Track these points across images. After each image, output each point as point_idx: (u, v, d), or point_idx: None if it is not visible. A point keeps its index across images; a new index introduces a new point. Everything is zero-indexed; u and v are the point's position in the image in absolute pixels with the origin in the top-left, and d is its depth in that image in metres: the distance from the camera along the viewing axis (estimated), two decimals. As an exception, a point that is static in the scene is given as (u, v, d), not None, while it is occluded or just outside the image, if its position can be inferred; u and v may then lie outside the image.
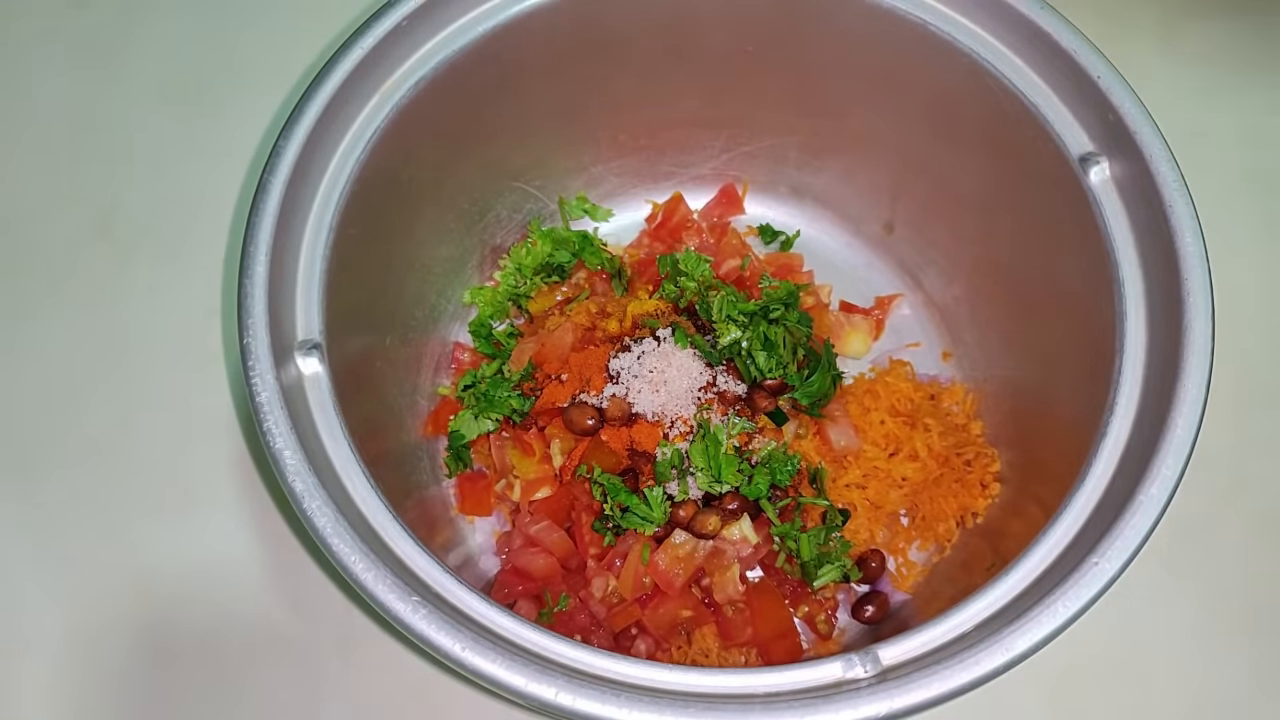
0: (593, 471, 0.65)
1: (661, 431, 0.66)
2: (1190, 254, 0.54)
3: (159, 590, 0.68)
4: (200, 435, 0.72)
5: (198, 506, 0.70)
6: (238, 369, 0.60)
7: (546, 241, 0.75)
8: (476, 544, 0.70)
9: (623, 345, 0.68)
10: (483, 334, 0.74)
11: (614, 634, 0.64)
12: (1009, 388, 0.70)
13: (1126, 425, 0.54)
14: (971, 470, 0.69)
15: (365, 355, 0.63)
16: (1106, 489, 0.53)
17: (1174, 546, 0.68)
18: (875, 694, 0.46)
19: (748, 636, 0.64)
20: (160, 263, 0.77)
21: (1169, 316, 0.54)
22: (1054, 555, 0.51)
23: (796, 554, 0.65)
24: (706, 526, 0.63)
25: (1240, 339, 0.73)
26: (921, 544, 0.70)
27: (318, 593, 0.68)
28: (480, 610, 0.49)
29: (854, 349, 0.75)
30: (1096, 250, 0.57)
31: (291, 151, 0.56)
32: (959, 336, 0.75)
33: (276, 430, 0.51)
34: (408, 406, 0.70)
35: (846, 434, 0.69)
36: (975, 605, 0.50)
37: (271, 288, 0.54)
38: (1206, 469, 0.62)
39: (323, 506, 0.49)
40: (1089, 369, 0.57)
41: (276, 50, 0.83)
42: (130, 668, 0.66)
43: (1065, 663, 0.66)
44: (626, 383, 0.67)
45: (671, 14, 0.64)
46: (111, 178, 0.80)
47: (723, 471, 0.64)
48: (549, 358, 0.68)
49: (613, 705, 0.45)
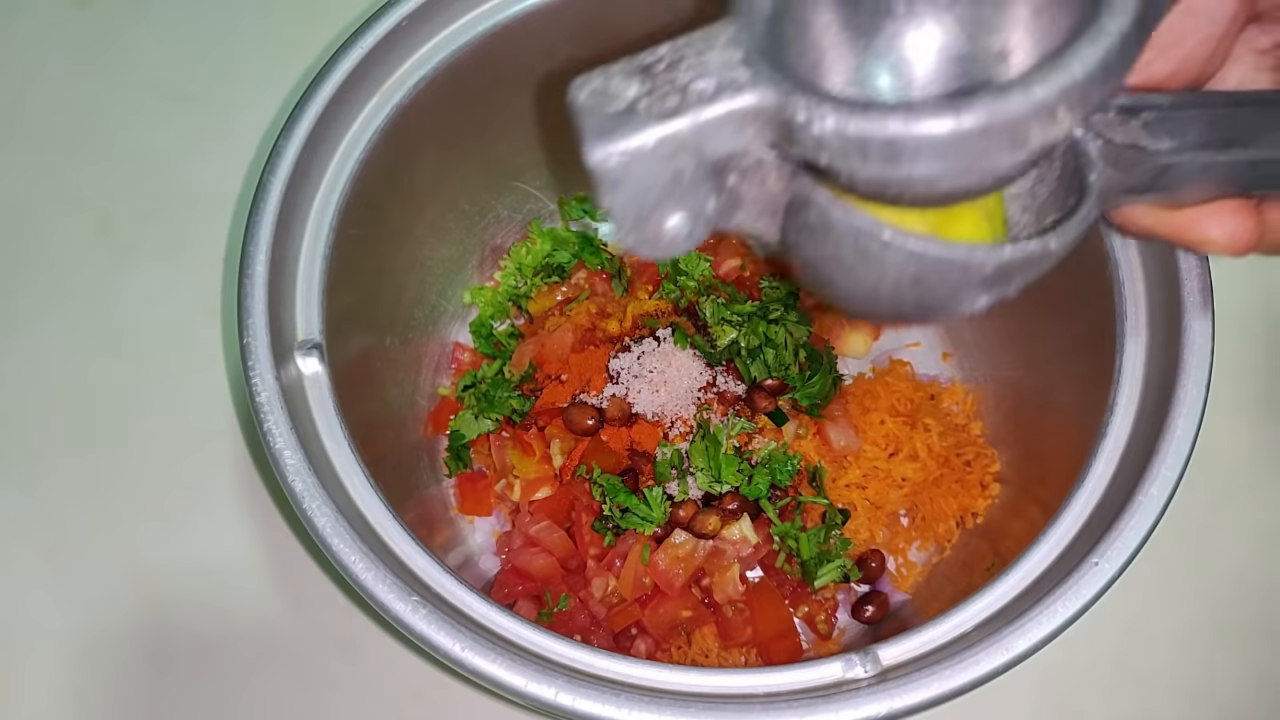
0: (592, 471, 0.65)
1: (661, 431, 0.66)
2: (1190, 254, 0.54)
3: (158, 590, 0.68)
4: (200, 435, 0.72)
5: (197, 506, 0.70)
6: (238, 369, 0.60)
7: (546, 241, 0.75)
8: (476, 544, 0.70)
9: (623, 345, 0.68)
10: (483, 334, 0.74)
11: (614, 634, 0.64)
12: (1009, 388, 0.70)
13: (1126, 425, 0.54)
14: (971, 470, 0.69)
15: (365, 355, 0.63)
16: (1106, 489, 0.53)
17: (1174, 547, 0.68)
18: (875, 694, 0.46)
19: (748, 636, 0.64)
20: (160, 263, 0.77)
21: (1169, 316, 0.54)
22: (1054, 555, 0.51)
23: (797, 553, 0.65)
24: (706, 526, 0.63)
25: (1240, 339, 0.73)
26: (921, 544, 0.70)
27: (318, 593, 0.68)
28: (480, 610, 0.49)
29: (854, 349, 0.75)
30: (1096, 250, 0.57)
31: (291, 151, 0.56)
32: (959, 336, 0.75)
33: (276, 430, 0.51)
34: (408, 406, 0.70)
35: (846, 434, 0.69)
36: (975, 605, 0.50)
37: (271, 288, 0.54)
38: (1206, 469, 0.62)
39: (323, 506, 0.49)
40: (1089, 369, 0.57)
41: (276, 50, 0.83)
42: (130, 667, 0.66)
43: (1065, 663, 0.66)
44: (626, 383, 0.67)
45: (673, 14, 0.64)
46: (111, 177, 0.80)
47: (723, 471, 0.64)
48: (549, 358, 0.68)
49: (613, 705, 0.45)
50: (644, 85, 0.31)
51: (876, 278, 0.33)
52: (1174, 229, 0.38)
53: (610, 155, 0.31)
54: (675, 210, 0.33)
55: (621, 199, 0.32)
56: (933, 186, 0.30)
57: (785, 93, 0.30)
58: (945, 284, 0.33)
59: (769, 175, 0.33)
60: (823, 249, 0.33)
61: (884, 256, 0.32)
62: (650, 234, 0.33)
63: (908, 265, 0.32)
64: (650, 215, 0.33)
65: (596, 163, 0.31)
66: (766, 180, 0.33)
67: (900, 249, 0.31)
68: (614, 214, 0.33)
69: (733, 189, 0.34)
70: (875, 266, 0.32)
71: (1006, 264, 0.32)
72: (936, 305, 0.34)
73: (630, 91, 0.32)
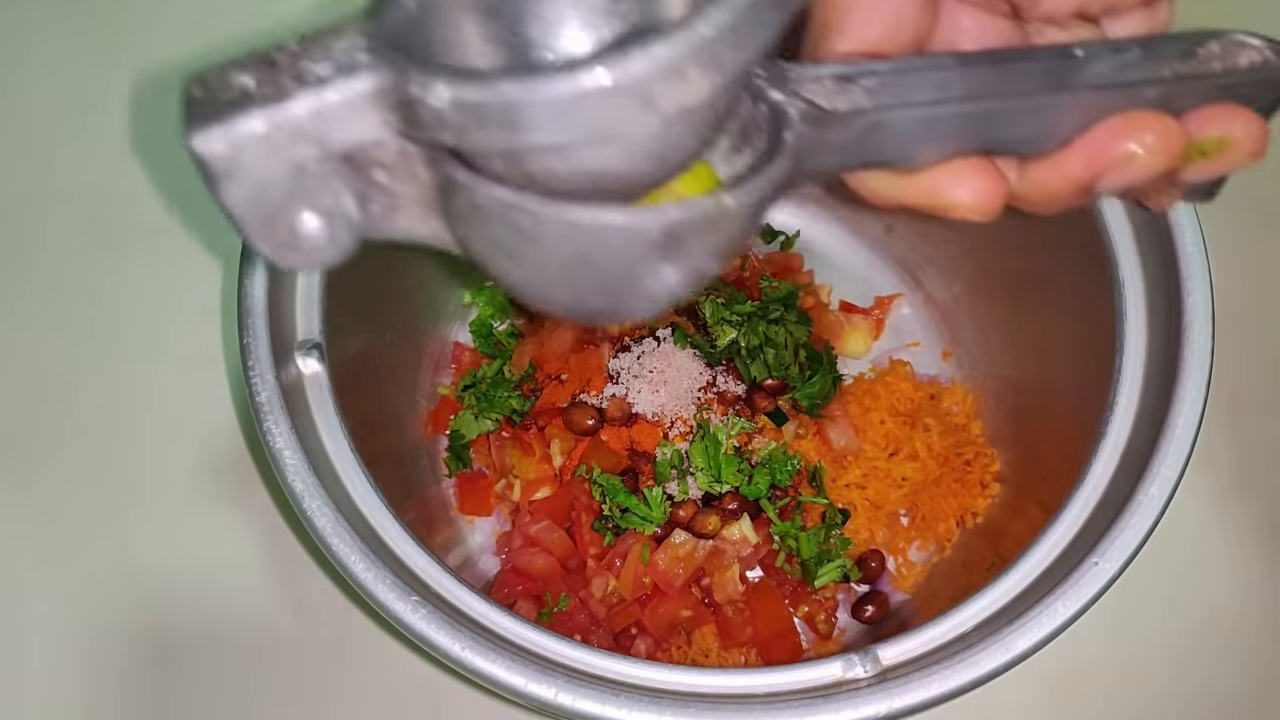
0: (592, 471, 0.65)
1: (661, 431, 0.66)
2: (1190, 254, 0.54)
3: (158, 590, 0.68)
4: (200, 435, 0.72)
5: (197, 506, 0.70)
6: (238, 369, 0.60)
7: (546, 241, 0.75)
8: (476, 544, 0.70)
9: (623, 345, 0.68)
10: (483, 334, 0.74)
11: (614, 634, 0.64)
12: (1009, 387, 0.70)
13: (1126, 425, 0.54)
14: (971, 470, 0.69)
15: (365, 355, 0.63)
16: (1106, 489, 0.53)
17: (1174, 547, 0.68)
18: (875, 694, 0.46)
19: (748, 636, 0.64)
20: (160, 262, 0.77)
21: (1169, 316, 0.54)
22: (1054, 555, 0.51)
23: (797, 553, 0.65)
24: (706, 526, 0.63)
25: (1240, 339, 0.73)
26: (921, 544, 0.70)
27: (318, 593, 0.67)
28: (480, 610, 0.49)
29: (854, 349, 0.75)
30: (1096, 250, 0.57)
31: (291, 151, 0.56)
32: (959, 336, 0.75)
33: (276, 430, 0.51)
34: (408, 406, 0.70)
35: (846, 434, 0.69)
36: (975, 605, 0.50)
37: (271, 288, 0.54)
38: (1206, 469, 0.62)
39: (323, 506, 0.49)
40: (1089, 369, 0.57)
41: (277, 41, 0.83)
42: (129, 667, 0.66)
43: (1065, 663, 0.66)
44: (626, 383, 0.67)
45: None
46: (110, 176, 0.80)
47: (723, 471, 0.64)
48: (549, 358, 0.68)
49: (613, 705, 0.45)
50: (262, 75, 0.30)
51: (541, 259, 0.31)
52: (918, 194, 0.36)
53: (213, 140, 0.29)
54: (304, 209, 0.31)
55: (237, 195, 0.30)
56: (567, 159, 0.28)
57: (401, 70, 0.28)
58: (616, 257, 0.30)
59: (417, 167, 0.31)
60: (482, 235, 0.31)
61: (539, 231, 0.30)
62: (284, 238, 0.31)
63: (568, 238, 0.30)
64: (277, 216, 0.30)
65: (199, 149, 0.29)
66: (417, 174, 0.31)
67: (554, 219, 0.29)
68: (234, 214, 0.30)
69: (385, 187, 0.31)
70: (536, 245, 0.30)
71: (674, 225, 0.30)
72: (619, 286, 0.31)
73: (246, 81, 0.29)
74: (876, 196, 0.38)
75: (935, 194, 0.36)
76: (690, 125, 0.29)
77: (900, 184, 0.37)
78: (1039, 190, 0.37)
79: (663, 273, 0.31)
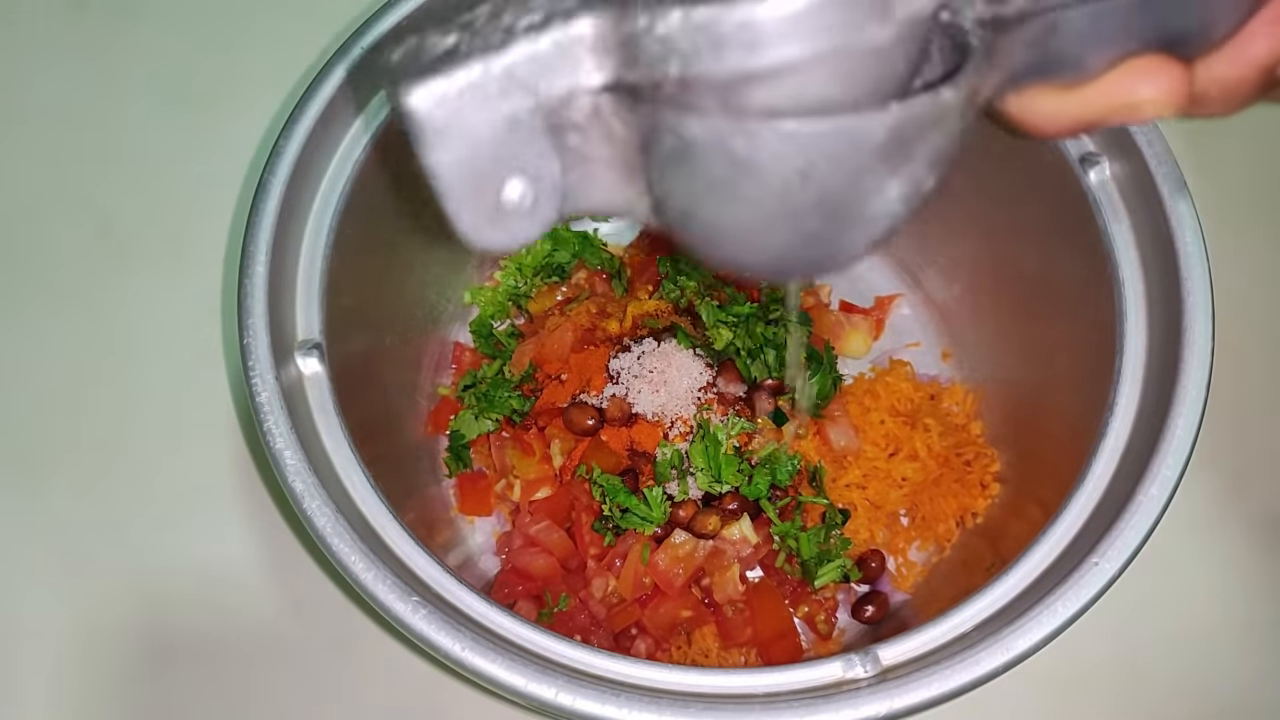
0: (592, 471, 0.65)
1: (661, 431, 0.66)
2: (1190, 254, 0.54)
3: (158, 590, 0.68)
4: (200, 435, 0.72)
5: (197, 506, 0.70)
6: (238, 369, 0.60)
7: (546, 241, 0.75)
8: (476, 544, 0.70)
9: (623, 345, 0.68)
10: (483, 334, 0.74)
11: (614, 634, 0.64)
12: (1009, 388, 0.70)
13: (1126, 425, 0.54)
14: (971, 470, 0.69)
15: (365, 355, 0.63)
16: (1106, 489, 0.53)
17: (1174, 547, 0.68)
18: (875, 694, 0.46)
19: (748, 636, 0.64)
20: (160, 263, 0.77)
21: (1169, 316, 0.54)
22: (1054, 555, 0.51)
23: (797, 553, 0.65)
24: (706, 526, 0.63)
25: (1240, 339, 0.73)
26: (921, 544, 0.70)
27: (318, 593, 0.68)
28: (480, 610, 0.49)
29: (854, 349, 0.75)
30: (1096, 250, 0.57)
31: (291, 151, 0.56)
32: (959, 336, 0.75)
33: (276, 430, 0.51)
34: (408, 406, 0.70)
35: (846, 434, 0.69)
36: (975, 605, 0.50)
37: (271, 288, 0.54)
38: (1206, 469, 0.62)
39: (323, 506, 0.49)
40: (1089, 369, 0.57)
41: (276, 50, 0.83)
42: (129, 667, 0.66)
43: (1065, 663, 0.66)
44: (626, 383, 0.67)
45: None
46: (110, 178, 0.80)
47: (723, 471, 0.64)
48: (549, 358, 0.68)
49: (613, 705, 0.45)
50: (463, 34, 0.29)
51: (761, 190, 0.29)
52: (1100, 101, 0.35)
53: (431, 94, 0.27)
54: (514, 173, 0.30)
55: (450, 156, 0.29)
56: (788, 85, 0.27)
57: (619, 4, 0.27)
58: (839, 169, 0.29)
59: (612, 123, 0.30)
60: (693, 182, 0.30)
61: (758, 156, 0.28)
62: (489, 207, 0.30)
63: (788, 157, 0.28)
64: (485, 182, 0.29)
65: (416, 106, 0.28)
66: (612, 131, 0.30)
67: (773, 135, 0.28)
68: (443, 181, 0.29)
69: (580, 152, 0.30)
70: (754, 175, 0.29)
71: (899, 124, 0.29)
72: (843, 209, 0.30)
73: (450, 41, 0.28)
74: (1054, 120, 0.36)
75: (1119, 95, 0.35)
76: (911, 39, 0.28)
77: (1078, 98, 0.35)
78: (1218, 86, 0.35)
79: (886, 183, 0.30)
